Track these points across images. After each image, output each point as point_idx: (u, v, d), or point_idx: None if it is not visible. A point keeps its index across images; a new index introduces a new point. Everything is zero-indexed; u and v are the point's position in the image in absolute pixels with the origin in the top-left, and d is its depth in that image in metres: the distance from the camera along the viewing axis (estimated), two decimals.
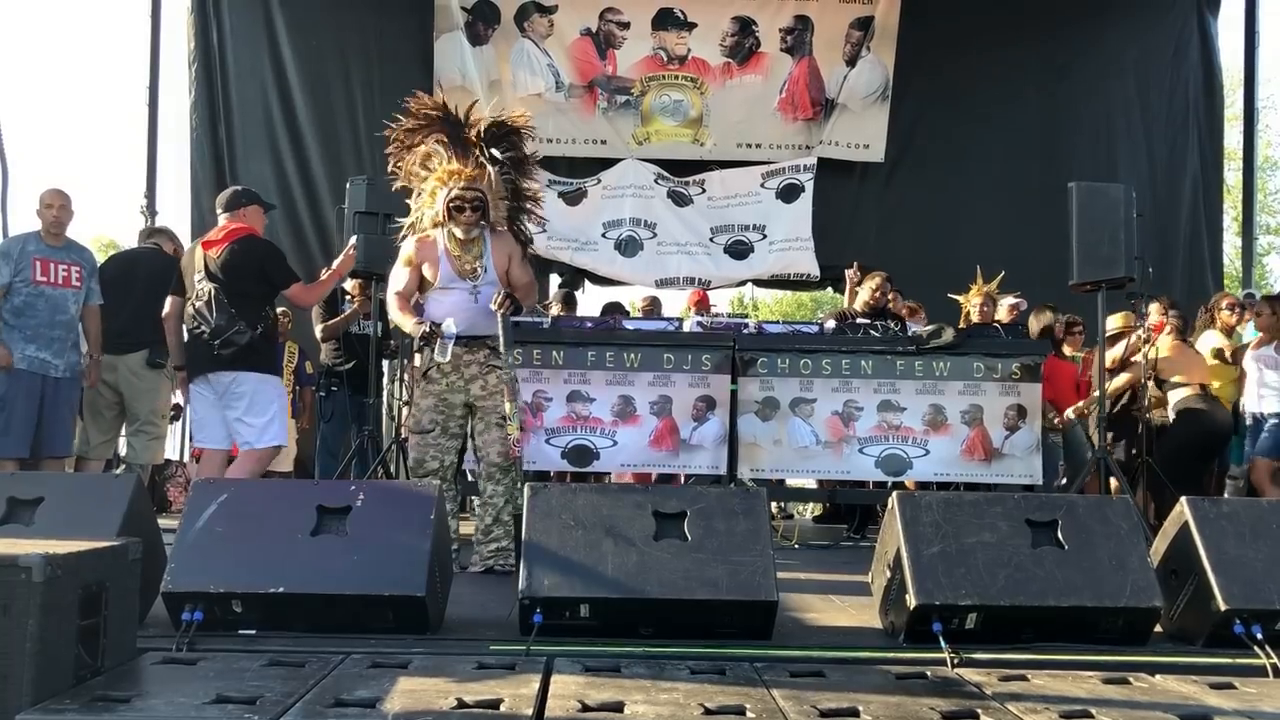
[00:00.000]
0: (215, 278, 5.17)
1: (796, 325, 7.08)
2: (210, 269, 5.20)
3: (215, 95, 10.02)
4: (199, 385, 5.28)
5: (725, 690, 2.72)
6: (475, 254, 4.93)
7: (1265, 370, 6.49)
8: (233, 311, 5.10)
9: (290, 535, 3.37)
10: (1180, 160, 10.75)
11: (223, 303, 5.12)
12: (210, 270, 5.19)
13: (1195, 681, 2.97)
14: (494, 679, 2.76)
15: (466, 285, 4.91)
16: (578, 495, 3.61)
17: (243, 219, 5.37)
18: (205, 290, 5.18)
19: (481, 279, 4.91)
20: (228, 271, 5.16)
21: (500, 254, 4.99)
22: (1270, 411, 6.47)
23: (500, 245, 5.02)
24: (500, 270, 4.97)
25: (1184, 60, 10.84)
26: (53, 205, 5.84)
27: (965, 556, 3.41)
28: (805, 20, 10.41)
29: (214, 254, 5.21)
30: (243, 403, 5.20)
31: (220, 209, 5.45)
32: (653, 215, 10.24)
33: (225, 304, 5.12)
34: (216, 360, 5.13)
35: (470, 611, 3.79)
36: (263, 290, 5.22)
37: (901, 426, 6.27)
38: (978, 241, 9.62)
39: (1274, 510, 3.66)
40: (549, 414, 6.19)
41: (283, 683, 2.65)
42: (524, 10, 10.25)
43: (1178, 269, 10.26)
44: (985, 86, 10.39)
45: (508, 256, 5.02)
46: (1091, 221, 6.33)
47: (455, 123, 4.96)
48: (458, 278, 4.92)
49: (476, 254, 4.93)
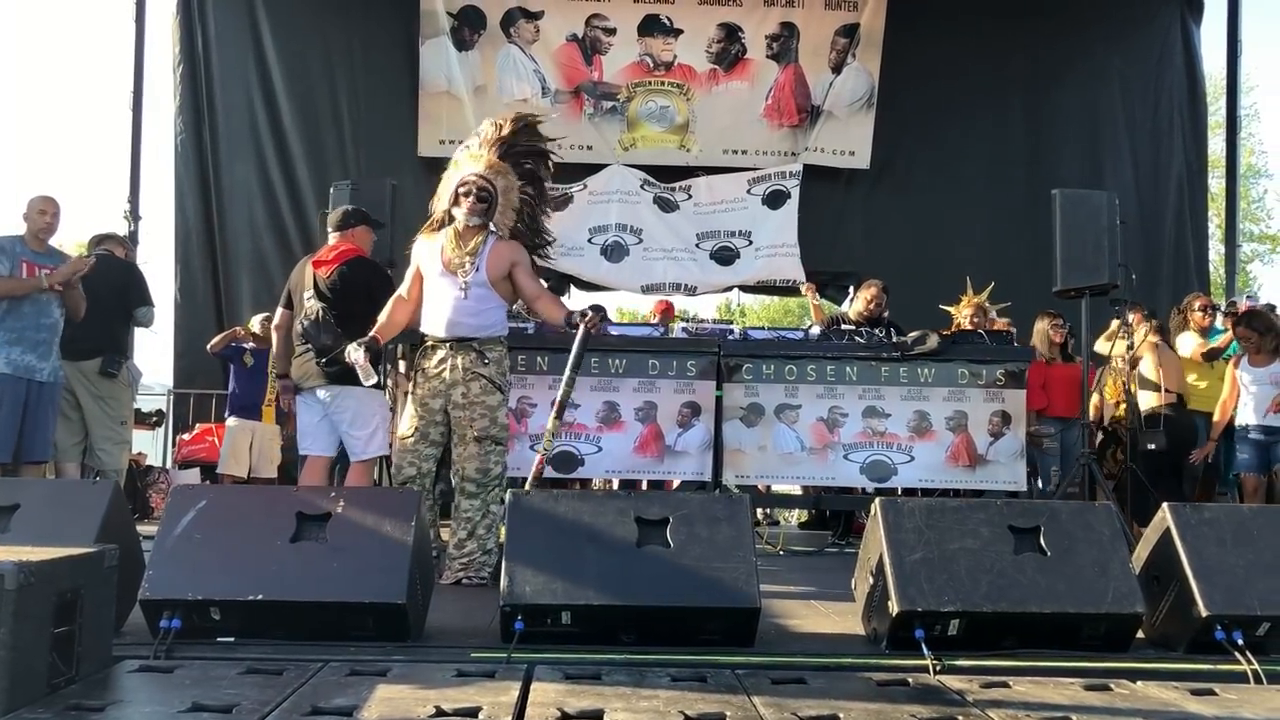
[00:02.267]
0: (324, 297, 5.21)
1: (782, 331, 7.09)
2: (319, 288, 5.23)
3: (200, 99, 9.99)
4: (306, 397, 5.33)
5: (706, 697, 2.71)
6: (471, 249, 4.70)
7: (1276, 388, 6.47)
8: (339, 331, 5.08)
9: (269, 542, 3.35)
10: (1165, 167, 10.81)
11: (329, 322, 5.14)
12: (319, 289, 5.23)
13: (1176, 688, 2.96)
14: (473, 687, 2.74)
15: (455, 281, 4.69)
16: (560, 501, 3.60)
17: (351, 239, 5.39)
18: (314, 309, 5.21)
19: (471, 277, 4.68)
20: (335, 292, 5.19)
21: (499, 258, 4.74)
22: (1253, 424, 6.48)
23: (503, 250, 4.77)
24: (496, 274, 4.72)
25: (1168, 68, 10.92)
26: (46, 212, 5.84)
27: (948, 563, 3.40)
28: (791, 27, 10.44)
29: (323, 274, 5.25)
30: (347, 415, 5.25)
31: (331, 228, 5.47)
32: (639, 221, 10.23)
33: (332, 324, 5.13)
34: (325, 376, 5.18)
35: (451, 619, 3.76)
36: (368, 310, 5.10)
37: (886, 433, 6.28)
38: (963, 248, 9.67)
39: (1255, 516, 3.67)
40: (534, 420, 6.18)
41: (260, 690, 2.62)
42: (510, 16, 10.25)
43: (1163, 276, 10.31)
44: (970, 94, 10.44)
45: (509, 263, 4.76)
46: (1075, 228, 6.36)
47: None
48: (446, 271, 4.72)
49: (472, 250, 4.70)
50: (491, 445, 4.72)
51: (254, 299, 9.66)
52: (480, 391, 4.69)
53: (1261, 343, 6.47)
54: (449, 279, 4.72)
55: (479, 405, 4.68)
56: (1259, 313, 6.66)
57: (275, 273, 9.85)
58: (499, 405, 4.74)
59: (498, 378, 4.75)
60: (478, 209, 4.69)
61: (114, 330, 6.31)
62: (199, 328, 9.74)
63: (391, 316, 4.91)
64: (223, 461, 8.02)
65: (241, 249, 9.94)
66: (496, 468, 4.74)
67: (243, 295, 9.82)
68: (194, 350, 9.61)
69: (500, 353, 4.80)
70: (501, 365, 4.79)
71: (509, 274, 4.77)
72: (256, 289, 9.81)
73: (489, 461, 4.71)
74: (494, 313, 4.79)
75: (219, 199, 9.94)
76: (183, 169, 9.94)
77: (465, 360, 4.70)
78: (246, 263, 9.92)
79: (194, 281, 9.87)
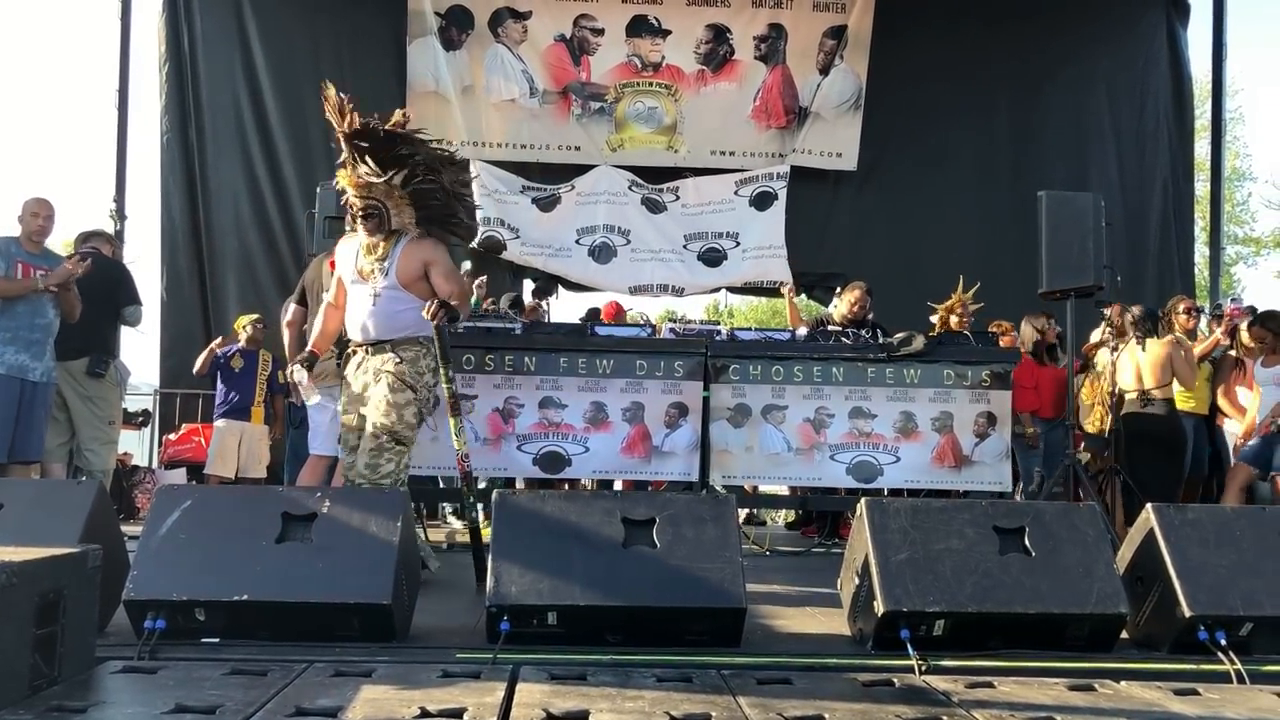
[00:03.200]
0: None
1: (769, 332, 7.08)
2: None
3: (186, 98, 9.95)
4: (323, 397, 5.25)
5: (691, 698, 2.71)
6: (379, 255, 4.67)
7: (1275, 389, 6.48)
8: None
9: (255, 542, 3.34)
10: (1150, 170, 10.86)
11: None
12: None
13: (1160, 688, 2.98)
14: (458, 687, 2.73)
15: (367, 287, 4.66)
16: (546, 502, 3.59)
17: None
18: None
19: (382, 282, 4.63)
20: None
21: (411, 260, 4.67)
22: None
23: (415, 251, 4.69)
24: (408, 277, 4.65)
25: (1154, 71, 10.96)
26: (39, 214, 5.85)
27: (933, 563, 3.41)
28: (779, 29, 10.46)
29: None
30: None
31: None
32: (626, 222, 10.23)
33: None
34: (338, 374, 5.10)
35: (437, 619, 3.76)
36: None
37: (872, 433, 6.28)
38: (950, 249, 9.68)
39: (1238, 517, 3.69)
40: (520, 420, 6.16)
41: (244, 691, 2.62)
42: (498, 16, 10.24)
43: (1148, 278, 10.35)
44: (957, 95, 10.46)
45: (423, 264, 4.68)
46: (1060, 230, 6.38)
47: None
48: (359, 278, 4.69)
49: (381, 255, 4.66)
50: (389, 443, 4.55)
51: (240, 298, 9.64)
52: (386, 389, 4.58)
53: (1277, 343, 6.47)
54: (362, 285, 4.70)
55: (383, 401, 4.57)
56: (1275, 313, 6.67)
57: (261, 272, 9.84)
58: (406, 404, 4.59)
59: (410, 376, 4.62)
60: (370, 226, 4.66)
61: (101, 330, 6.28)
62: (185, 327, 9.72)
63: (325, 326, 4.91)
64: (210, 462, 7.99)
65: (228, 248, 9.89)
66: (388, 465, 4.54)
67: (229, 294, 9.78)
68: (180, 349, 9.57)
69: (415, 353, 4.67)
70: (417, 365, 4.65)
71: (424, 274, 4.69)
72: (243, 288, 9.78)
73: (380, 458, 4.54)
74: (407, 315, 4.64)
75: (205, 198, 9.90)
76: (168, 168, 9.90)
77: (377, 361, 4.65)
78: (233, 262, 9.88)
79: (180, 281, 9.82)
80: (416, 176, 4.66)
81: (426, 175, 4.68)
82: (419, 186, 4.68)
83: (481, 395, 6.13)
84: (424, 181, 4.68)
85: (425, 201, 4.73)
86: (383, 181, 4.60)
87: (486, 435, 6.13)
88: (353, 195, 4.67)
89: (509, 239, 10.00)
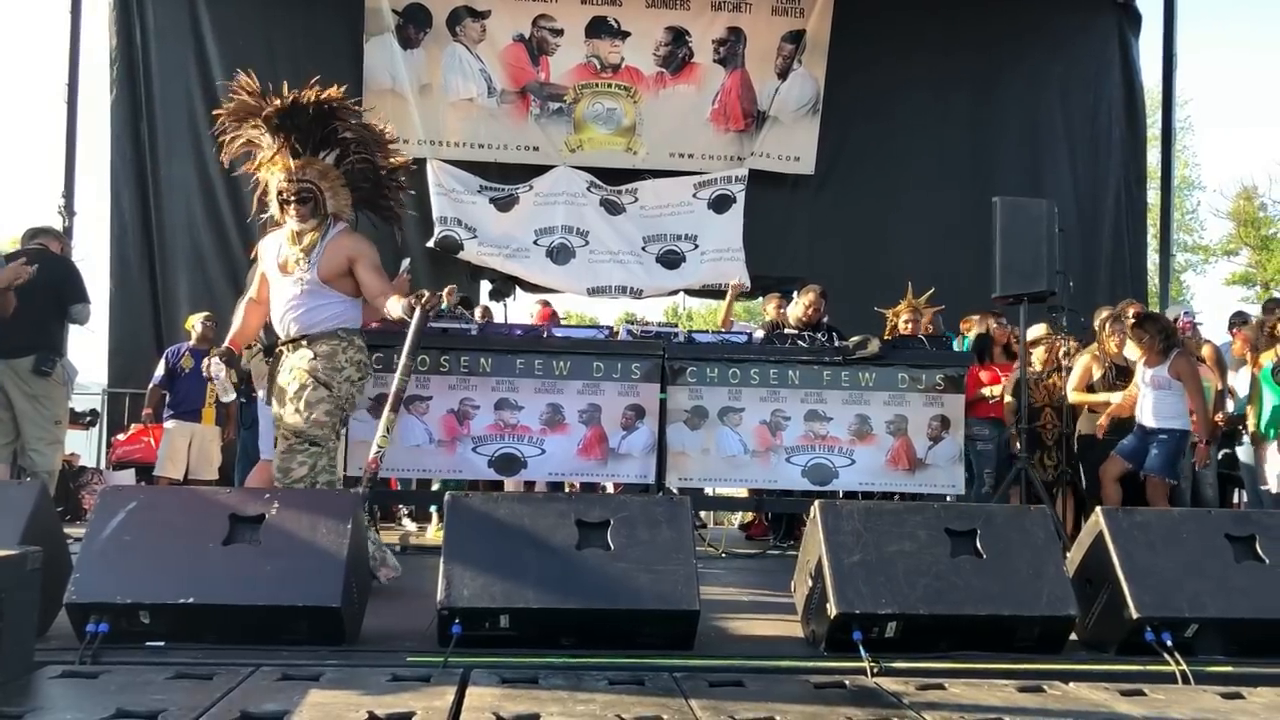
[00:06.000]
0: None
1: (726, 335, 7.10)
2: None
3: (138, 94, 9.80)
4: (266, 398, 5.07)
5: (643, 701, 2.70)
6: (305, 246, 4.44)
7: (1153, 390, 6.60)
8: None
9: (202, 544, 3.28)
10: (1103, 177, 11.03)
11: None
12: None
13: (1107, 689, 3.01)
14: (408, 691, 2.71)
15: (289, 280, 4.45)
16: (499, 504, 3.56)
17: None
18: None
19: (305, 275, 4.41)
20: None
21: (336, 254, 4.45)
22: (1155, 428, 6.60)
23: (339, 245, 4.47)
24: (332, 272, 4.44)
25: (1106, 80, 11.15)
26: None
27: (885, 565, 3.43)
28: (738, 32, 10.50)
29: None
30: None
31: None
32: (585, 223, 10.22)
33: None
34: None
35: (388, 622, 3.71)
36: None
37: (828, 436, 6.31)
38: (906, 253, 9.78)
39: (1185, 520, 3.74)
40: (476, 422, 6.12)
41: (188, 695, 2.57)
42: (456, 15, 10.19)
43: (1100, 284, 10.49)
44: (914, 101, 10.56)
45: (347, 258, 4.44)
46: (1014, 235, 6.45)
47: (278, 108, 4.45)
48: (282, 272, 4.48)
49: (306, 247, 4.44)
50: (300, 444, 4.34)
51: (191, 297, 9.50)
52: (299, 387, 4.36)
53: (1153, 344, 6.60)
54: (284, 278, 4.49)
55: (295, 401, 4.36)
56: (1153, 316, 6.81)
57: (213, 270, 9.71)
58: (318, 402, 4.34)
59: (325, 373, 4.36)
60: (304, 212, 4.45)
61: (48, 327, 6.14)
62: (134, 326, 9.57)
63: (245, 321, 4.74)
64: (159, 463, 7.86)
65: (179, 246, 9.76)
66: (300, 468, 4.32)
67: (180, 293, 9.64)
68: (129, 348, 9.42)
69: (331, 347, 4.41)
70: (334, 360, 4.39)
71: (349, 269, 4.48)
72: (194, 287, 9.64)
73: (292, 460, 4.34)
74: (326, 309, 4.45)
75: (157, 195, 9.75)
76: (119, 165, 9.75)
77: (295, 358, 4.44)
78: (184, 260, 9.74)
79: (130, 278, 9.67)
80: (349, 155, 4.50)
81: (360, 154, 4.52)
82: (354, 166, 4.53)
83: (436, 396, 6.09)
84: (359, 161, 4.53)
85: (359, 183, 4.57)
86: (319, 162, 4.45)
87: (441, 437, 6.09)
88: (283, 181, 4.45)
89: (466, 239, 9.95)
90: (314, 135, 4.47)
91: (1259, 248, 24.97)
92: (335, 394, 4.39)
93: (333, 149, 4.50)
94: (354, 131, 4.52)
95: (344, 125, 4.50)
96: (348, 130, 4.51)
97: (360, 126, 4.56)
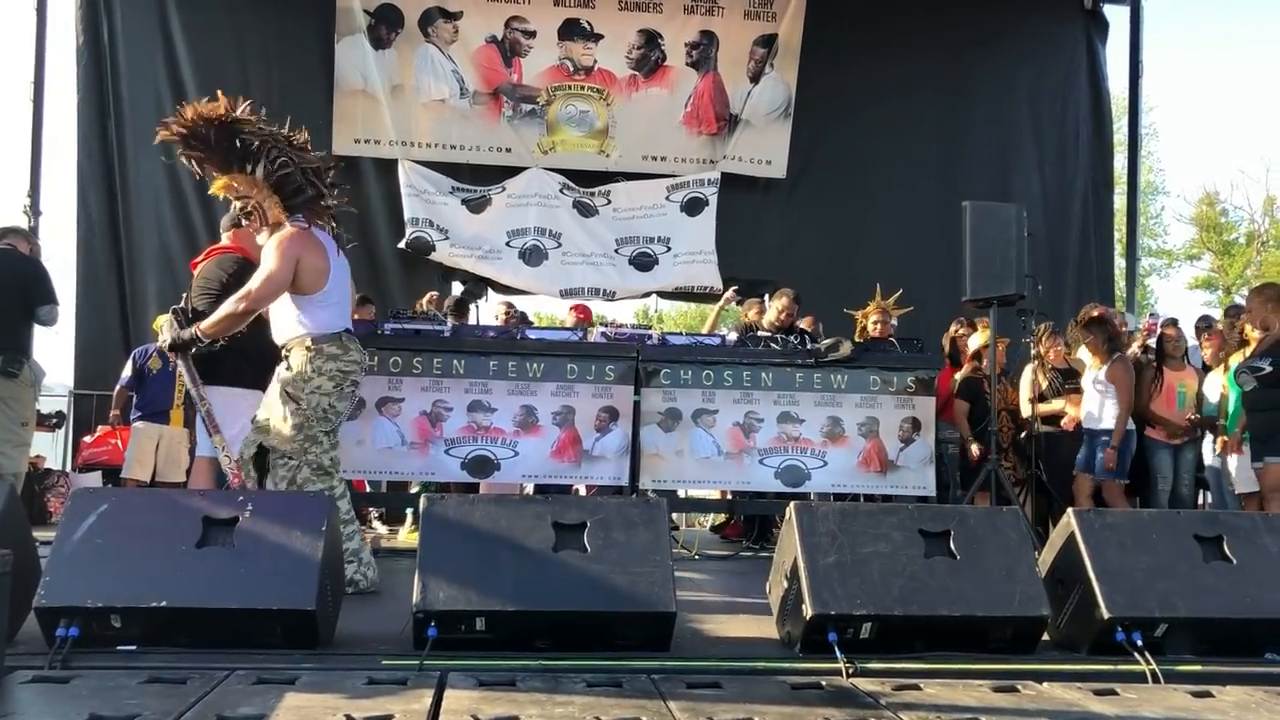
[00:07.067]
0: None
1: (699, 337, 7.11)
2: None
3: (105, 92, 9.70)
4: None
5: (621, 703, 2.70)
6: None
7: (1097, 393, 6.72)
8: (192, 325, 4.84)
9: (174, 547, 3.24)
10: (1071, 182, 11.15)
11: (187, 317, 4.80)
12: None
13: (1080, 688, 3.04)
14: (385, 695, 2.69)
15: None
16: (475, 506, 3.55)
17: (235, 238, 5.13)
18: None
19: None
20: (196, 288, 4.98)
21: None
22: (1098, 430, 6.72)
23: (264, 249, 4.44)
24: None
25: (1074, 86, 11.27)
26: None
27: (860, 567, 3.44)
28: (710, 36, 10.53)
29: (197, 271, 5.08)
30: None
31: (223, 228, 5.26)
32: (558, 225, 10.21)
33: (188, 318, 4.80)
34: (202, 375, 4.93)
35: (364, 626, 3.69)
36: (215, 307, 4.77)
37: (800, 438, 6.34)
38: (877, 256, 9.86)
39: (1154, 521, 3.78)
40: (449, 424, 6.10)
41: (161, 700, 2.54)
42: (428, 15, 10.15)
43: (1067, 287, 10.61)
44: (885, 106, 10.63)
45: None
46: (984, 240, 6.50)
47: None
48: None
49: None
50: (280, 457, 4.36)
51: (160, 298, 9.39)
52: (274, 400, 4.41)
53: (1098, 346, 6.72)
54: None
55: (273, 413, 4.40)
56: (1100, 320, 6.93)
57: (182, 272, 9.56)
58: (287, 415, 4.35)
59: (293, 386, 4.36)
60: (255, 225, 4.49)
61: (15, 328, 6.04)
62: (102, 327, 9.46)
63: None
64: (127, 465, 7.76)
65: (148, 247, 9.66)
66: (281, 484, 4.34)
67: (148, 294, 9.54)
68: (96, 350, 9.31)
69: (301, 359, 4.39)
70: (303, 369, 4.37)
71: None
72: (163, 288, 9.53)
73: (276, 474, 4.36)
74: (287, 316, 4.45)
75: (124, 195, 9.65)
76: (86, 164, 9.64)
77: (279, 369, 4.47)
78: (153, 261, 9.65)
79: (97, 279, 9.56)
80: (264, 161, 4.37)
81: (278, 159, 4.39)
82: (281, 173, 4.40)
83: (409, 398, 6.07)
84: (281, 166, 4.40)
85: (286, 188, 4.45)
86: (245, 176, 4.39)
87: (413, 439, 6.07)
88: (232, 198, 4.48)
89: (438, 240, 9.92)
90: (231, 150, 4.37)
91: (1221, 253, 25.36)
92: (303, 407, 4.35)
93: (256, 159, 4.39)
94: (260, 138, 4.39)
95: (251, 134, 4.38)
96: (256, 138, 4.37)
97: (266, 133, 4.42)
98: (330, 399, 4.42)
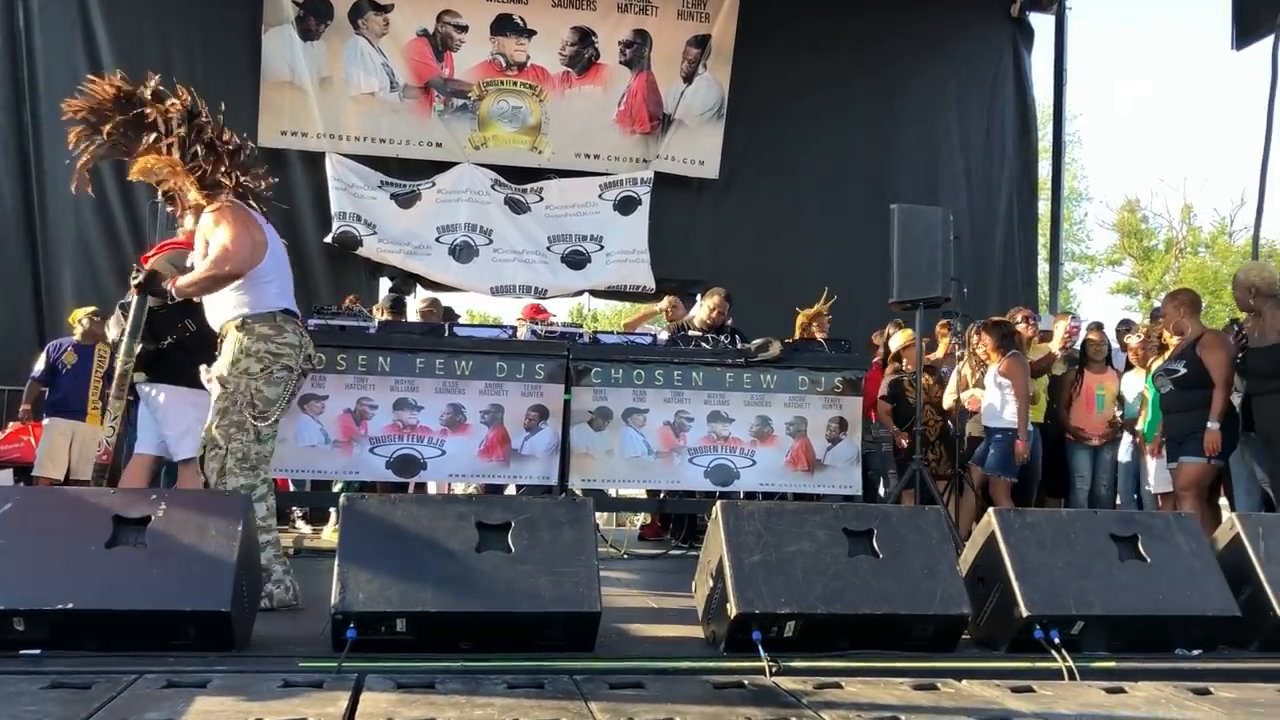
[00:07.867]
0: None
1: (630, 336, 7.10)
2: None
3: (20, 78, 9.39)
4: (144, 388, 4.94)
5: (542, 704, 2.67)
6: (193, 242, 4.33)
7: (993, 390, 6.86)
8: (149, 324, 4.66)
9: (82, 548, 3.14)
10: (996, 187, 11.36)
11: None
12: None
13: (998, 686, 3.08)
14: (299, 698, 2.63)
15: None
16: (397, 506, 3.49)
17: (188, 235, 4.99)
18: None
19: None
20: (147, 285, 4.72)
21: (198, 240, 4.25)
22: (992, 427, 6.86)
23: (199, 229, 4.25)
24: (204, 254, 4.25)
25: (1000, 93, 11.47)
26: None
27: (785, 565, 3.45)
28: (644, 35, 10.52)
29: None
30: (158, 413, 4.91)
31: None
32: (489, 221, 10.12)
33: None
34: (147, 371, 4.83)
35: (281, 628, 3.62)
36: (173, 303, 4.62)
37: (730, 437, 6.36)
38: (806, 258, 9.95)
39: (1072, 521, 3.85)
40: (373, 422, 6.00)
41: (63, 707, 2.45)
42: (358, 7, 10.00)
43: (992, 290, 10.79)
44: (816, 109, 10.73)
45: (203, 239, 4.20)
46: (911, 242, 6.57)
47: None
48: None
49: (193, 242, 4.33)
50: (210, 446, 4.12)
51: (77, 289, 9.15)
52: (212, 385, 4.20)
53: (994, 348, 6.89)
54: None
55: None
56: (999, 323, 7.13)
57: (100, 262, 9.36)
58: (216, 400, 4.13)
59: (224, 369, 4.13)
60: (179, 209, 4.40)
61: None
62: (15, 320, 9.17)
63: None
64: (39, 463, 7.54)
65: (65, 236, 9.38)
66: (211, 475, 4.09)
67: (65, 285, 9.27)
68: (10, 344, 9.00)
69: (233, 339, 4.16)
70: (233, 354, 4.13)
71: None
72: (80, 279, 9.29)
73: (206, 465, 4.13)
74: (221, 299, 4.22)
75: (40, 184, 9.34)
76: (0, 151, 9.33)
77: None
78: (70, 251, 9.37)
79: (10, 270, 9.25)
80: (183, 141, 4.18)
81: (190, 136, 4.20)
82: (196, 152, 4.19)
83: (332, 395, 5.96)
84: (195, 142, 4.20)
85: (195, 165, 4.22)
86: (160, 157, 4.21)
87: (337, 437, 5.96)
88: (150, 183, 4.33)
89: (365, 235, 9.77)
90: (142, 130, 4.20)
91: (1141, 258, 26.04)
92: (229, 390, 4.10)
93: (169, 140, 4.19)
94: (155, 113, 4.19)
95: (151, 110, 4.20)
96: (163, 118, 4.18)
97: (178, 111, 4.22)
98: (257, 382, 4.12)
